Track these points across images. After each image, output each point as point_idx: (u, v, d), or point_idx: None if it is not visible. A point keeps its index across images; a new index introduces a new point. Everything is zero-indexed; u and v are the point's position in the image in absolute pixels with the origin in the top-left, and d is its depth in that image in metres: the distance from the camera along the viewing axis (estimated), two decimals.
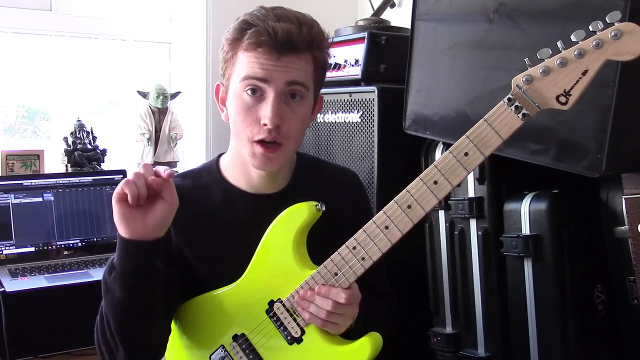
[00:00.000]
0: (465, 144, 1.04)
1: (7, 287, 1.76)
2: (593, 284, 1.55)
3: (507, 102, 1.02)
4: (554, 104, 1.00)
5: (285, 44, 1.13)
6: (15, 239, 1.97)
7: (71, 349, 1.81)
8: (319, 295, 1.11)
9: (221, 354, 1.21)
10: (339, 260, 1.12)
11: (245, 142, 1.18)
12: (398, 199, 1.08)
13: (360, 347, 1.13)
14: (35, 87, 2.51)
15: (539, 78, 1.00)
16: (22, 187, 2.01)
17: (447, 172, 1.05)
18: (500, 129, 1.02)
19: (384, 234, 1.09)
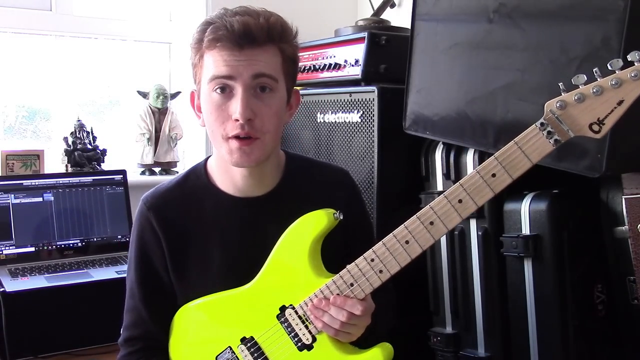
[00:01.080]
0: (493, 165, 1.02)
1: (7, 287, 1.76)
2: (593, 284, 1.55)
3: (540, 126, 1.00)
4: (587, 132, 0.99)
5: (244, 36, 1.13)
6: (15, 239, 1.97)
7: (71, 349, 1.81)
8: (334, 305, 1.11)
9: (228, 355, 1.21)
10: (355, 272, 1.12)
11: (221, 141, 1.19)
12: (420, 215, 1.07)
13: (372, 358, 1.14)
14: (35, 87, 2.51)
15: (573, 104, 0.99)
16: (22, 187, 2.01)
17: (473, 191, 1.04)
18: (531, 153, 1.01)
19: (404, 248, 1.08)
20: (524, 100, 1.48)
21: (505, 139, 1.51)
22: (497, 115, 1.54)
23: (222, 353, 1.21)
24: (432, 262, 1.79)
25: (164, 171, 2.50)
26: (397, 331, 1.85)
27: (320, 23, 1.25)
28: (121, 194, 2.09)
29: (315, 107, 2.03)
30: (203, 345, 1.24)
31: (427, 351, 1.79)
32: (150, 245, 1.28)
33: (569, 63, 1.39)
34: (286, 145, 2.10)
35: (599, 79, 0.97)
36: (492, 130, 1.55)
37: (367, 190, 1.86)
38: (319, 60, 2.09)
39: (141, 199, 1.31)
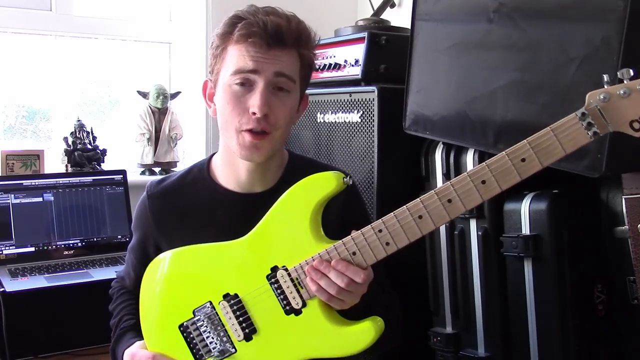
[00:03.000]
0: (525, 149, 0.98)
1: (7, 287, 1.76)
2: (593, 284, 1.55)
3: (580, 116, 0.96)
4: (627, 129, 0.96)
5: (275, 37, 1.17)
6: (15, 239, 1.97)
7: (71, 349, 1.81)
8: (335, 269, 1.08)
9: (207, 310, 1.17)
10: (360, 241, 1.08)
11: (233, 132, 1.21)
12: (439, 191, 1.03)
13: (363, 331, 1.10)
14: (35, 87, 2.51)
15: (618, 98, 0.95)
16: (22, 187, 2.01)
17: (499, 174, 0.99)
18: (566, 142, 0.97)
19: (416, 222, 1.04)
20: (524, 100, 1.48)
21: (505, 138, 1.52)
22: (497, 115, 1.54)
23: (201, 307, 1.18)
24: (432, 262, 1.79)
25: (163, 171, 2.50)
26: None
27: (320, 23, 1.26)
28: (121, 194, 2.10)
29: (315, 107, 2.03)
30: (181, 296, 1.20)
31: (427, 351, 1.79)
32: (143, 230, 1.35)
33: (569, 63, 1.39)
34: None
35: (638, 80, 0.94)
36: (492, 130, 1.55)
37: (367, 190, 1.86)
38: (319, 60, 2.09)
39: (147, 184, 1.39)
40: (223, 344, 1.17)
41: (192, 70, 2.65)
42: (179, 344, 1.20)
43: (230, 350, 1.17)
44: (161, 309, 1.22)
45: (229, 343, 1.17)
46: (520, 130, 1.50)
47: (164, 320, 1.21)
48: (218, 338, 1.17)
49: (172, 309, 1.21)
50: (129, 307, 1.37)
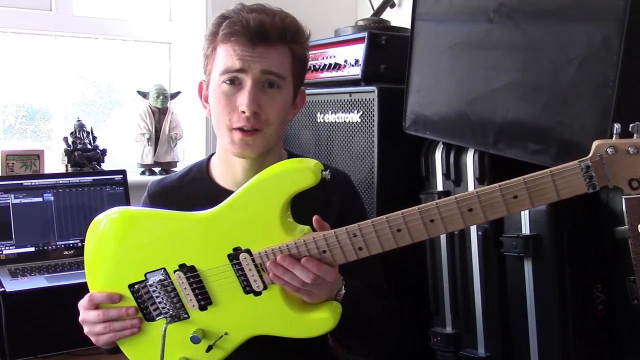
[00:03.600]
0: (519, 187, 0.96)
1: (7, 287, 1.76)
2: (593, 284, 1.55)
3: (584, 168, 0.93)
4: (624, 185, 0.94)
5: (258, 34, 1.17)
6: (15, 239, 1.97)
7: (71, 349, 1.81)
8: (304, 266, 1.04)
9: (160, 276, 1.15)
10: (332, 241, 1.05)
11: (224, 130, 1.22)
12: (422, 210, 1.01)
13: (320, 320, 1.08)
14: (36, 87, 2.51)
15: (624, 154, 0.92)
16: (22, 187, 2.00)
17: (487, 206, 0.98)
18: (562, 189, 0.95)
19: (393, 235, 1.03)
20: (524, 100, 1.48)
21: (505, 139, 1.52)
22: (497, 115, 1.54)
23: (154, 272, 1.15)
24: (432, 262, 1.79)
25: (163, 171, 2.50)
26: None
27: (320, 23, 1.26)
28: (121, 194, 2.09)
29: (315, 107, 2.03)
30: (135, 257, 1.17)
31: (427, 351, 1.79)
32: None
33: (569, 63, 1.39)
34: (286, 145, 2.10)
35: None
36: (492, 130, 1.55)
37: (367, 190, 1.86)
38: (319, 60, 2.09)
39: (148, 183, 1.41)
40: (176, 309, 1.16)
41: (192, 70, 2.65)
42: (128, 301, 1.18)
43: (183, 315, 1.16)
44: (112, 266, 1.19)
45: (182, 310, 1.16)
46: (520, 130, 1.50)
47: (113, 277, 1.19)
48: (171, 304, 1.16)
49: (123, 268, 1.18)
50: None
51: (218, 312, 1.14)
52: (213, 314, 1.14)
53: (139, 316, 1.17)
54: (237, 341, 1.15)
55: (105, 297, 1.17)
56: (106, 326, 1.17)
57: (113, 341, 1.20)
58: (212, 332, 1.15)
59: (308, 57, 1.30)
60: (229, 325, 1.14)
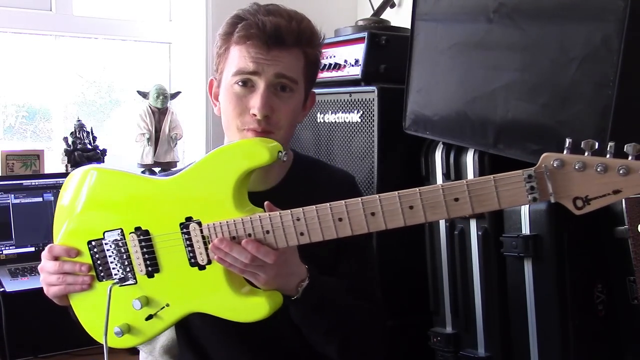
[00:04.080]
0: (461, 189, 0.93)
1: (7, 287, 1.76)
2: (593, 284, 1.55)
3: (527, 178, 0.91)
4: (567, 203, 0.89)
5: (274, 37, 1.16)
6: (15, 239, 1.97)
7: (71, 349, 1.81)
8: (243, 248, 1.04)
9: (116, 236, 1.16)
10: (276, 222, 1.04)
11: (235, 132, 1.21)
12: (365, 201, 0.99)
13: (256, 305, 1.08)
14: (36, 87, 2.51)
15: (571, 169, 0.88)
16: (22, 187, 2.01)
17: (428, 204, 0.95)
18: (504, 198, 0.92)
19: (335, 224, 1.01)
20: (524, 100, 1.48)
21: (505, 138, 1.52)
22: (497, 115, 1.54)
23: (111, 231, 1.17)
24: (432, 262, 1.79)
25: (163, 171, 2.50)
26: (397, 331, 1.85)
27: (320, 23, 1.25)
28: None
29: (315, 107, 2.03)
30: (97, 214, 1.19)
31: (427, 351, 1.79)
32: None
33: (569, 63, 1.39)
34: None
35: (608, 156, 0.87)
36: (492, 130, 1.55)
37: (367, 190, 1.86)
38: None
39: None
40: (125, 272, 1.17)
41: (192, 70, 2.65)
42: (85, 257, 1.20)
43: (131, 280, 1.17)
44: (75, 221, 1.21)
45: (131, 273, 1.17)
46: (520, 130, 1.50)
47: (75, 231, 1.21)
48: (122, 266, 1.17)
49: (85, 223, 1.20)
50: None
51: (163, 281, 1.15)
52: (158, 282, 1.15)
53: (91, 274, 1.19)
54: (177, 315, 1.16)
55: (63, 250, 1.19)
56: (59, 278, 1.19)
57: (63, 294, 1.21)
58: (155, 302, 1.16)
59: (320, 59, 1.29)
60: (171, 297, 1.15)
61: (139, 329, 1.17)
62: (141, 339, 1.19)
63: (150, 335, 1.18)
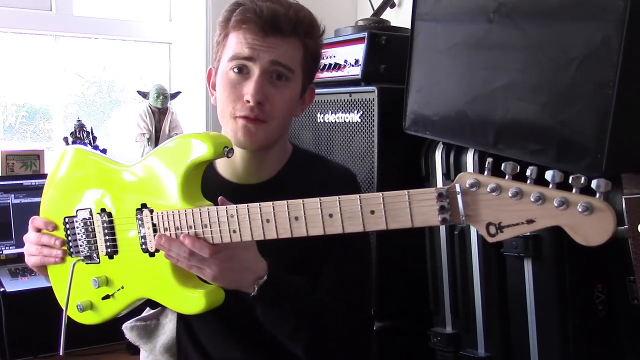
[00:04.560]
0: (377, 201, 0.88)
1: (7, 287, 1.76)
2: (593, 284, 1.55)
3: (437, 196, 0.84)
4: (481, 228, 0.83)
5: (270, 23, 1.15)
6: (15, 239, 1.97)
7: (71, 349, 1.81)
8: (182, 243, 1.03)
9: (86, 215, 1.20)
10: (213, 216, 1.03)
11: (228, 118, 1.20)
12: (291, 205, 0.96)
13: (194, 299, 1.08)
14: (36, 87, 2.51)
15: (485, 192, 0.81)
16: (22, 187, 2.01)
17: (346, 214, 0.91)
18: (416, 215, 0.86)
19: (262, 225, 0.99)
20: (524, 100, 1.48)
21: (505, 138, 1.52)
22: (497, 115, 1.54)
23: (82, 210, 1.21)
24: (432, 262, 1.79)
25: None
26: (397, 331, 1.86)
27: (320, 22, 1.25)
28: None
29: (315, 107, 2.03)
30: (73, 192, 1.23)
31: (427, 351, 1.79)
32: None
33: (569, 63, 1.39)
34: None
35: (528, 183, 0.80)
36: (492, 130, 1.55)
37: (366, 190, 1.85)
38: None
39: None
40: (91, 251, 1.21)
41: (192, 70, 2.65)
42: (60, 232, 1.25)
43: (95, 259, 1.21)
44: (56, 196, 1.27)
45: (95, 253, 1.21)
46: (520, 130, 1.50)
47: (55, 206, 1.27)
48: (88, 244, 1.21)
49: (63, 200, 1.25)
50: None
51: (120, 263, 1.18)
52: (117, 264, 1.18)
53: (63, 248, 1.24)
54: (130, 298, 1.18)
55: (42, 223, 1.26)
56: (37, 249, 1.26)
57: (40, 265, 1.28)
58: (113, 283, 1.20)
59: (321, 53, 1.27)
60: (126, 280, 1.18)
61: (98, 307, 1.22)
62: (99, 318, 1.23)
63: (107, 315, 1.22)
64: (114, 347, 1.86)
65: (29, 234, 1.27)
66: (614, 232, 0.75)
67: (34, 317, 1.76)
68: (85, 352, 1.82)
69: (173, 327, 1.41)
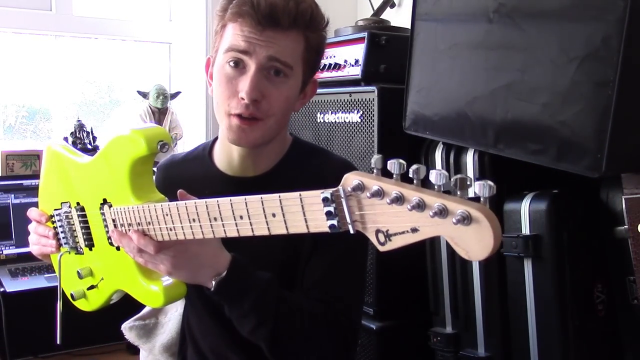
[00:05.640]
0: (275, 204, 0.83)
1: (7, 287, 1.76)
2: (593, 284, 1.55)
3: (323, 201, 0.77)
4: (371, 236, 0.75)
5: (268, 17, 1.09)
6: (15, 239, 1.97)
7: (71, 349, 1.81)
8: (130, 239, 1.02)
9: (67, 208, 1.22)
10: (153, 214, 0.99)
11: (222, 115, 1.16)
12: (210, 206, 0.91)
13: (152, 293, 1.08)
14: (35, 87, 2.51)
15: (368, 197, 0.73)
16: (22, 187, 2.01)
17: (254, 216, 0.86)
18: (310, 219, 0.80)
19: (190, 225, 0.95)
20: (524, 100, 1.48)
21: (505, 138, 1.52)
22: (497, 115, 1.54)
23: (64, 203, 1.23)
24: (432, 262, 1.79)
25: None
26: (398, 331, 1.86)
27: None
28: None
29: (315, 107, 2.03)
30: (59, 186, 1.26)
31: (427, 351, 1.79)
32: None
33: (569, 63, 1.39)
34: None
35: (414, 184, 0.72)
36: (492, 130, 1.55)
37: None
38: None
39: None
40: (74, 243, 1.23)
41: (192, 70, 2.65)
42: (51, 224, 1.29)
43: (80, 250, 1.22)
44: (47, 190, 1.30)
45: (78, 245, 1.22)
46: (520, 130, 1.50)
47: (47, 199, 1.29)
48: (71, 236, 1.23)
49: (52, 194, 1.27)
50: None
51: (98, 255, 1.19)
52: (96, 256, 1.19)
53: (56, 239, 1.27)
54: (110, 289, 1.19)
55: (37, 215, 1.29)
56: (37, 238, 1.29)
57: (40, 254, 1.32)
58: (96, 274, 1.21)
59: (324, 45, 1.22)
60: (104, 271, 1.19)
61: (88, 296, 1.24)
62: (91, 306, 1.25)
63: (96, 304, 1.24)
64: (113, 347, 1.86)
65: (30, 224, 1.31)
66: (494, 246, 0.65)
67: (33, 317, 1.76)
68: (85, 352, 1.83)
69: (172, 327, 1.42)
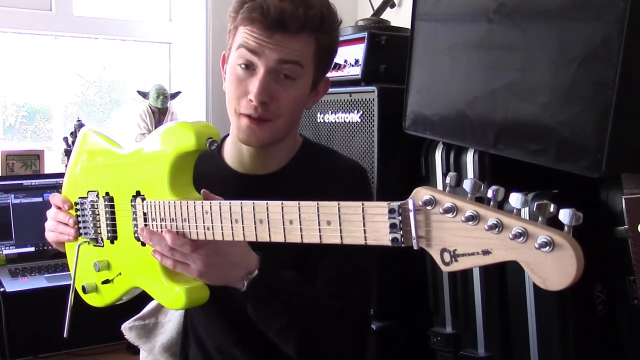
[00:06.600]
0: (333, 211, 0.80)
1: (7, 287, 1.76)
2: (593, 284, 1.55)
3: (389, 211, 0.74)
4: (435, 254, 0.72)
5: (277, 22, 1.10)
6: (15, 239, 1.97)
7: (71, 349, 1.81)
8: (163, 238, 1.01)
9: (93, 197, 1.21)
10: (191, 211, 0.99)
11: (233, 115, 1.18)
12: (257, 207, 0.90)
13: (174, 294, 1.06)
14: (35, 87, 2.51)
15: (440, 213, 0.70)
16: (22, 187, 2.01)
17: (305, 221, 0.83)
18: (370, 231, 0.77)
19: (232, 225, 0.94)
20: (524, 100, 1.48)
21: (505, 138, 1.52)
22: (497, 115, 1.54)
23: (92, 192, 1.22)
24: (432, 262, 1.79)
25: None
26: (397, 331, 1.86)
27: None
28: None
29: (315, 107, 2.03)
30: (87, 174, 1.25)
31: (427, 351, 1.79)
32: None
33: (569, 63, 1.39)
34: None
35: (490, 205, 0.69)
36: (492, 130, 1.55)
37: None
38: None
39: None
40: (96, 234, 1.21)
41: (192, 70, 2.65)
42: (74, 212, 1.27)
43: (100, 242, 1.21)
44: (74, 177, 1.29)
45: (100, 236, 1.21)
46: (520, 130, 1.50)
47: (72, 186, 1.29)
48: (94, 227, 1.22)
49: (78, 181, 1.27)
50: None
51: (119, 249, 1.17)
52: (117, 249, 1.18)
53: (76, 227, 1.25)
54: (126, 286, 1.17)
55: (60, 201, 1.28)
56: (55, 225, 1.28)
57: (56, 241, 1.30)
58: (114, 268, 1.19)
59: (337, 45, 1.22)
60: (123, 267, 1.17)
61: (101, 290, 1.22)
62: (102, 302, 1.24)
63: (108, 300, 1.22)
64: (114, 347, 1.86)
65: (50, 209, 1.30)
66: (575, 277, 0.64)
67: (33, 317, 1.76)
68: (85, 352, 1.82)
69: (172, 327, 1.41)
